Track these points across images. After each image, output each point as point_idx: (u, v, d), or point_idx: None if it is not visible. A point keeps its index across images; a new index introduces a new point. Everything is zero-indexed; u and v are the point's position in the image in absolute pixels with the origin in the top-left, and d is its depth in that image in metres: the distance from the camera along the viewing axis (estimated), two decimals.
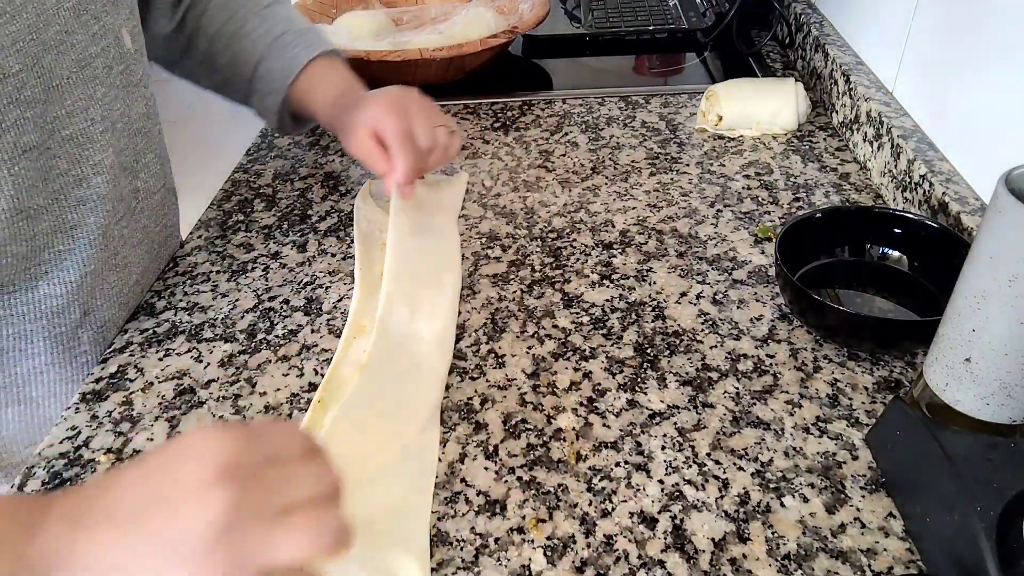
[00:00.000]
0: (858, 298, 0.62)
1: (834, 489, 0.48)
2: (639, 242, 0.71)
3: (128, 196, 0.64)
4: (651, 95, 0.97)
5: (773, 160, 0.82)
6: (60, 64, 0.54)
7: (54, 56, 0.54)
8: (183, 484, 0.32)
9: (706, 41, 1.10)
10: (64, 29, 0.54)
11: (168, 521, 0.32)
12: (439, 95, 0.99)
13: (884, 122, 0.75)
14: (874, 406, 0.53)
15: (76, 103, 0.56)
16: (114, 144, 0.61)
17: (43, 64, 0.53)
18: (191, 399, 0.57)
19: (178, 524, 0.31)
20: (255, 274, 0.70)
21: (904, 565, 0.44)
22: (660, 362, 0.58)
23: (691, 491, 0.48)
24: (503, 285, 0.67)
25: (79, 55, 0.56)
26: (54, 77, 0.54)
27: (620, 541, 0.46)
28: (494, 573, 0.44)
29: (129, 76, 0.63)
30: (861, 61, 0.86)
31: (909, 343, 0.56)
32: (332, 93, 0.73)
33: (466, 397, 0.56)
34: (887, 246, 0.64)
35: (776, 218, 0.73)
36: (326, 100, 0.73)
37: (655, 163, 0.82)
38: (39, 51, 0.52)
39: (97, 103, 0.58)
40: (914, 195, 0.69)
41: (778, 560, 0.44)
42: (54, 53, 0.54)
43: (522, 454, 0.51)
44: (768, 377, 0.56)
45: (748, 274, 0.66)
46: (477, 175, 0.82)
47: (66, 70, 0.55)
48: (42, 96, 0.53)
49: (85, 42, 0.57)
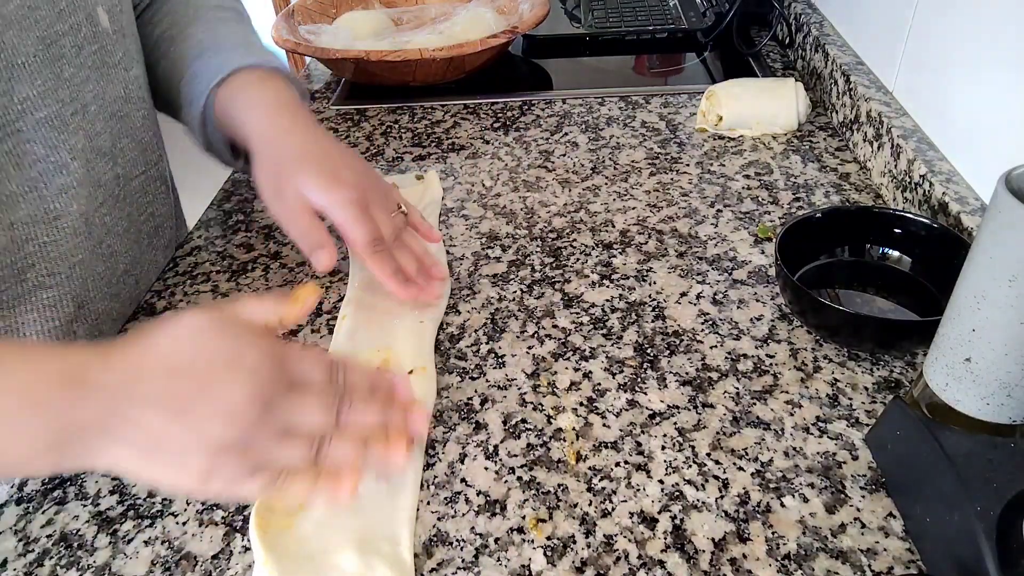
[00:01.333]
0: (858, 298, 0.62)
1: (834, 489, 0.48)
2: (639, 242, 0.71)
3: (109, 182, 0.61)
4: (651, 95, 0.97)
5: (773, 160, 0.82)
6: (24, 41, 0.52)
7: (16, 32, 0.51)
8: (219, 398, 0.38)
9: (706, 41, 1.10)
10: (27, 4, 0.52)
11: (202, 423, 0.38)
12: (439, 95, 1.00)
13: (884, 122, 0.75)
14: (874, 406, 0.53)
15: (46, 83, 0.53)
16: (85, 128, 0.57)
17: (4, 40, 0.50)
18: None
19: (209, 428, 0.38)
20: (255, 274, 0.70)
21: (904, 565, 0.44)
22: (660, 362, 0.58)
23: (691, 491, 0.48)
24: (503, 285, 0.66)
25: (44, 32, 0.53)
26: (18, 55, 0.51)
27: (620, 541, 0.46)
28: (494, 573, 0.44)
29: (104, 57, 0.60)
30: (861, 61, 0.86)
31: (909, 343, 0.56)
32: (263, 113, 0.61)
33: (466, 397, 0.56)
34: (887, 246, 0.64)
35: (776, 218, 0.73)
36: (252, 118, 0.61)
37: (655, 163, 0.82)
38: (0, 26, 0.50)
39: (65, 84, 0.55)
40: (914, 195, 0.69)
41: (778, 560, 0.44)
42: (16, 29, 0.51)
43: (522, 454, 0.51)
44: (768, 377, 0.56)
45: (748, 274, 0.66)
46: (477, 175, 0.82)
47: (31, 47, 0.52)
48: (5, 74, 0.50)
49: (50, 19, 0.54)
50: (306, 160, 0.57)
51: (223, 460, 0.38)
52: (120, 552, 0.47)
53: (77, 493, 0.51)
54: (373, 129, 0.93)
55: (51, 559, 0.47)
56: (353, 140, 0.91)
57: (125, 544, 0.47)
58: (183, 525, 0.48)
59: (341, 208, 0.56)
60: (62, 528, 0.49)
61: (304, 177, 0.56)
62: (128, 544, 0.47)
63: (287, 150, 0.58)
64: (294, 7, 1.10)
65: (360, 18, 1.09)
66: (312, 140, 0.59)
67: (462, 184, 0.81)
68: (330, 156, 0.58)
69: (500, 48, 0.99)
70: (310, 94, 1.04)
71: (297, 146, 0.58)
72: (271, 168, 0.58)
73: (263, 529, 0.46)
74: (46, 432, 0.36)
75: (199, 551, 0.47)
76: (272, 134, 0.60)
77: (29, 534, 0.48)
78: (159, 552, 0.47)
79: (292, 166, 0.57)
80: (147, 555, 0.47)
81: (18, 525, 0.49)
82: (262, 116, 0.61)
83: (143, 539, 0.48)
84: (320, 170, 0.57)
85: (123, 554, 0.47)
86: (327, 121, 0.96)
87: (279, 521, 0.46)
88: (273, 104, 0.61)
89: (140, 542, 0.47)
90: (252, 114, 0.61)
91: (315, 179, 0.56)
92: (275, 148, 0.59)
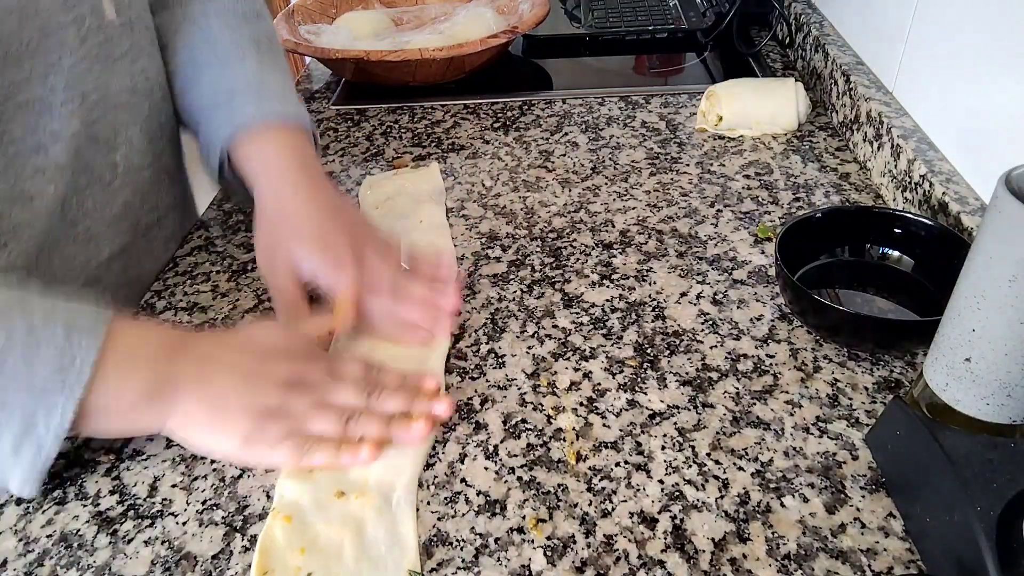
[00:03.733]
0: (858, 298, 0.62)
1: (834, 489, 0.48)
2: (639, 242, 0.71)
3: (101, 168, 0.62)
4: (651, 95, 0.97)
5: (773, 160, 0.82)
6: (23, 29, 0.53)
7: (16, 20, 0.52)
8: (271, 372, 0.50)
9: (706, 41, 1.10)
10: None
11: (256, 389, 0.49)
12: (439, 95, 1.00)
13: (884, 122, 0.75)
14: (874, 406, 0.53)
15: (35, 69, 0.54)
16: (82, 115, 0.58)
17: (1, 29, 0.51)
18: None
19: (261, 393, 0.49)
20: (255, 274, 0.70)
21: (904, 565, 0.44)
22: (660, 362, 0.58)
23: (691, 491, 0.48)
24: (503, 285, 0.66)
25: (44, 22, 0.54)
26: (13, 42, 0.52)
27: (620, 541, 0.46)
28: (494, 573, 0.44)
29: (109, 48, 0.60)
30: (861, 61, 0.86)
31: (909, 343, 0.56)
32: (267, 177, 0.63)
33: (466, 397, 0.56)
34: (887, 246, 0.64)
35: (776, 218, 0.73)
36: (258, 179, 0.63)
37: (655, 163, 0.82)
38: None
39: (60, 72, 0.56)
40: (914, 195, 0.69)
41: (778, 560, 0.44)
42: (17, 17, 0.52)
43: (522, 454, 0.51)
44: (768, 377, 0.56)
45: (748, 274, 0.66)
46: (477, 175, 0.82)
47: (28, 35, 0.53)
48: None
49: (52, 9, 0.55)
50: (301, 227, 0.59)
51: (265, 424, 0.48)
52: (120, 552, 0.47)
53: (77, 493, 0.51)
54: (373, 129, 0.93)
55: (51, 559, 0.47)
56: (353, 140, 0.91)
57: (125, 544, 0.47)
58: (183, 525, 0.48)
59: (328, 268, 0.58)
60: (62, 528, 0.49)
61: (296, 243, 0.59)
62: (128, 544, 0.47)
63: (284, 216, 0.60)
64: (294, 7, 1.10)
65: (360, 18, 1.09)
66: (313, 207, 0.61)
67: (462, 184, 0.81)
68: (325, 224, 0.60)
69: (500, 48, 0.99)
70: (311, 93, 1.04)
71: (294, 213, 0.60)
72: (267, 231, 0.61)
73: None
74: (146, 383, 0.47)
75: (199, 551, 0.47)
76: (272, 198, 0.62)
77: (29, 534, 0.48)
78: (159, 552, 0.47)
79: (286, 232, 0.60)
80: (147, 555, 0.47)
81: (18, 525, 0.49)
82: (266, 181, 0.63)
83: (143, 539, 0.48)
84: (312, 237, 0.59)
85: (123, 554, 0.47)
86: (327, 121, 0.96)
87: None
88: (276, 167, 0.63)
89: (140, 542, 0.47)
90: (258, 175, 0.63)
91: (307, 245, 0.59)
92: (273, 213, 0.61)
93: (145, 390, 0.47)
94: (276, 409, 0.49)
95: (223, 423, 0.48)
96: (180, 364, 0.49)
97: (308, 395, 0.50)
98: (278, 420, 0.49)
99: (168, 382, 0.48)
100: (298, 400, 0.49)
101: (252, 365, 0.50)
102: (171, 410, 0.48)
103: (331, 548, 0.45)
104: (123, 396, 0.47)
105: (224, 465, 0.52)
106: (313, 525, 0.46)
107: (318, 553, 0.45)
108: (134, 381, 0.47)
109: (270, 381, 0.50)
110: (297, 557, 0.45)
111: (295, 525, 0.46)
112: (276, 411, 0.49)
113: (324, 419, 0.50)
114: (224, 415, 0.48)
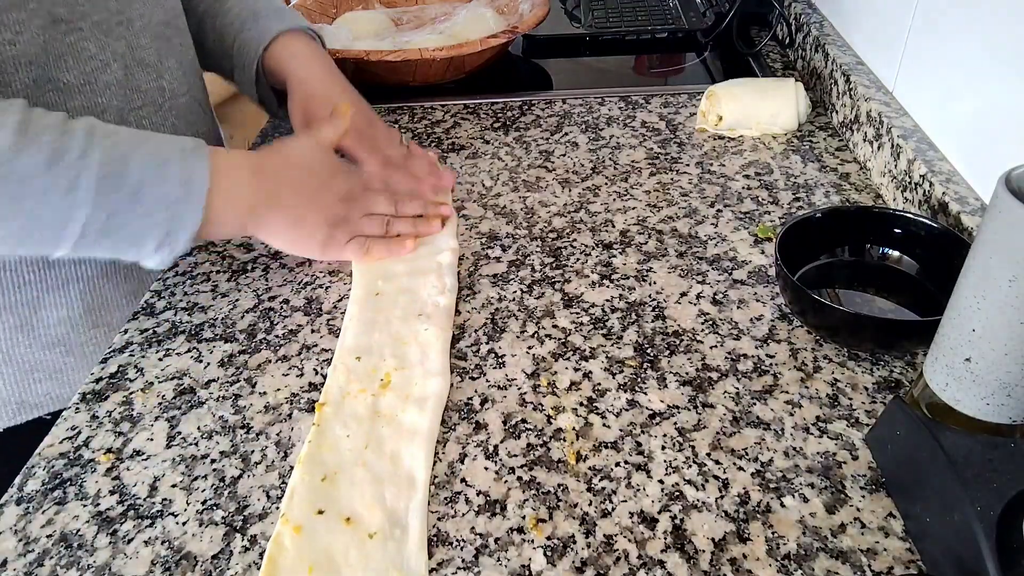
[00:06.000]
0: (858, 298, 0.62)
1: (834, 489, 0.48)
2: (639, 242, 0.71)
3: (152, 91, 0.71)
4: (651, 95, 0.97)
5: (773, 160, 0.82)
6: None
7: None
8: (333, 190, 0.65)
9: (706, 41, 1.10)
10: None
11: (324, 205, 0.65)
12: (439, 95, 1.00)
13: (884, 122, 0.75)
14: (874, 406, 0.53)
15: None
16: (128, 38, 0.67)
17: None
18: (191, 399, 0.57)
19: (329, 207, 0.65)
20: (255, 274, 0.70)
21: (904, 565, 0.44)
22: (660, 362, 0.58)
23: (691, 491, 0.48)
24: (503, 285, 0.67)
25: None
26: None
27: (620, 541, 0.46)
28: (494, 573, 0.44)
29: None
30: (861, 61, 0.86)
31: (909, 343, 0.56)
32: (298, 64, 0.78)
33: (466, 397, 0.56)
34: (887, 246, 0.64)
35: (776, 218, 0.73)
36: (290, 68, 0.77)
37: (655, 163, 0.82)
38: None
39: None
40: (914, 195, 0.69)
41: (778, 560, 0.44)
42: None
43: (522, 454, 0.51)
44: (768, 377, 0.56)
45: (748, 274, 0.66)
46: (477, 175, 0.82)
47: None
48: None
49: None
50: (329, 97, 0.76)
51: (333, 232, 0.65)
52: (120, 552, 0.47)
53: (77, 493, 0.51)
54: None
55: (51, 559, 0.47)
56: None
57: (125, 544, 0.47)
58: (183, 525, 0.48)
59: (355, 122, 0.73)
60: (62, 528, 0.49)
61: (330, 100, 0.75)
62: (128, 544, 0.47)
63: (315, 90, 0.76)
64: (294, 7, 1.10)
65: (360, 18, 1.10)
66: (336, 83, 0.78)
67: (462, 184, 0.81)
68: (347, 94, 0.78)
69: (500, 48, 0.99)
70: None
71: (322, 87, 0.77)
72: (302, 102, 0.76)
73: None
74: (247, 200, 0.60)
75: (199, 551, 0.47)
76: (304, 77, 0.77)
77: (29, 534, 0.48)
78: (159, 552, 0.47)
79: (319, 100, 0.75)
80: (147, 555, 0.47)
81: (18, 525, 0.49)
82: (297, 67, 0.78)
83: (143, 539, 0.48)
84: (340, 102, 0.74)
85: (123, 554, 0.47)
86: None
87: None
88: (303, 57, 0.78)
89: (140, 542, 0.47)
90: (291, 65, 0.78)
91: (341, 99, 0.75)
92: (306, 87, 0.76)
93: (246, 206, 0.60)
94: (341, 219, 0.65)
95: (303, 235, 0.64)
96: (267, 181, 0.62)
97: (357, 207, 0.66)
98: (341, 227, 0.65)
99: (260, 200, 0.61)
100: (353, 210, 0.66)
101: (315, 184, 0.64)
102: (265, 220, 0.62)
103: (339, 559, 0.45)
104: (231, 211, 0.60)
105: (224, 465, 0.52)
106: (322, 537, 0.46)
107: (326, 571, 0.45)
108: (239, 199, 0.60)
109: (331, 197, 0.65)
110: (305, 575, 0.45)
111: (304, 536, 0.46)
112: (341, 220, 0.65)
113: (372, 223, 0.67)
114: (303, 229, 0.64)
